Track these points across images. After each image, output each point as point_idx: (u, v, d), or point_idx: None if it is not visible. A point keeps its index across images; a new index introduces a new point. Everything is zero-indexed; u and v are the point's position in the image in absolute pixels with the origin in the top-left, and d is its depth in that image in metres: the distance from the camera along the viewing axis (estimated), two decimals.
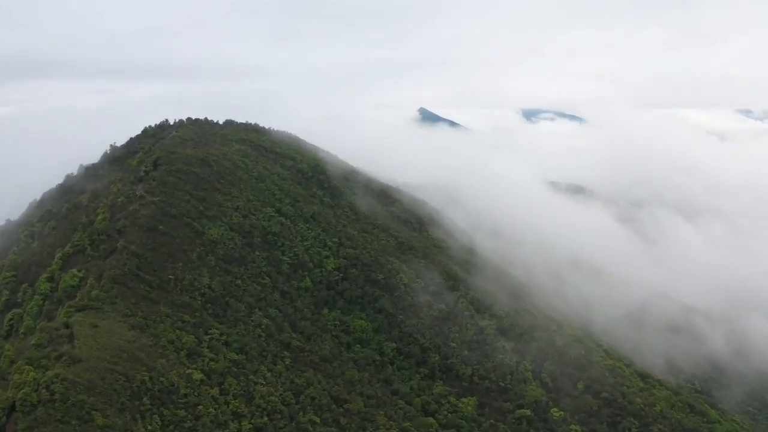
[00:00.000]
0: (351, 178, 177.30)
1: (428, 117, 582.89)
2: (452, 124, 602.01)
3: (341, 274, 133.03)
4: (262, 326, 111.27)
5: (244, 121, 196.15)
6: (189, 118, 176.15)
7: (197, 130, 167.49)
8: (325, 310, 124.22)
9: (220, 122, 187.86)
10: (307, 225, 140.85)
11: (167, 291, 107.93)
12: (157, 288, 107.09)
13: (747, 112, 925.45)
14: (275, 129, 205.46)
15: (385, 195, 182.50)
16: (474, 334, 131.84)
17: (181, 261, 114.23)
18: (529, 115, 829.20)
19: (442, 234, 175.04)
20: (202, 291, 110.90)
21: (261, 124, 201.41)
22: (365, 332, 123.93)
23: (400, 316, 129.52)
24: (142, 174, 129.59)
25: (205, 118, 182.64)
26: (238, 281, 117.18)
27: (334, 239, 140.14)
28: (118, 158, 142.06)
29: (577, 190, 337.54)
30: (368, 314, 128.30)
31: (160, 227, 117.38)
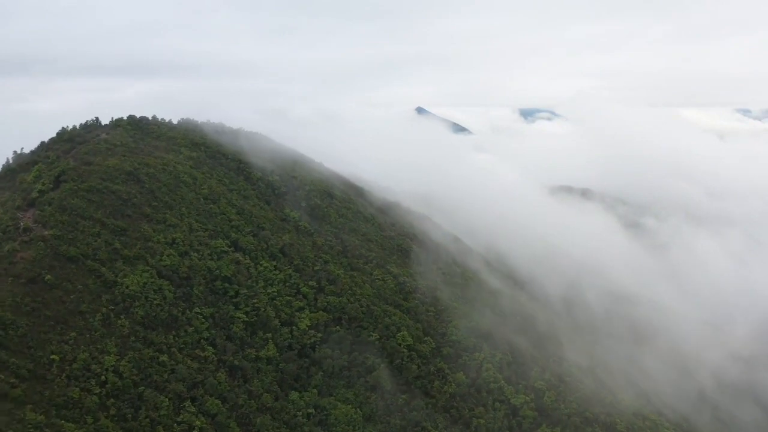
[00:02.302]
0: (338, 192, 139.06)
1: (425, 116, 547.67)
2: (449, 123, 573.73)
3: (320, 335, 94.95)
4: (195, 431, 73.19)
5: (206, 120, 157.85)
6: (131, 116, 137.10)
7: (137, 131, 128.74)
8: (295, 394, 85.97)
9: (174, 121, 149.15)
10: (275, 263, 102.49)
11: (44, 382, 69.57)
12: (28, 378, 68.78)
13: (745, 111, 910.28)
14: (246, 130, 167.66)
15: (380, 214, 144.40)
16: (505, 417, 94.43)
17: (74, 330, 75.81)
18: (527, 114, 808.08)
19: (449, 263, 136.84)
20: (103, 378, 72.53)
21: (252, 125, 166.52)
22: (352, 424, 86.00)
23: (403, 396, 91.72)
24: (36, 195, 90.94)
25: (153, 117, 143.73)
26: (164, 357, 78.78)
27: (311, 282, 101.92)
28: (13, 171, 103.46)
29: (582, 194, 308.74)
30: (356, 393, 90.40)
31: (48, 277, 78.82)
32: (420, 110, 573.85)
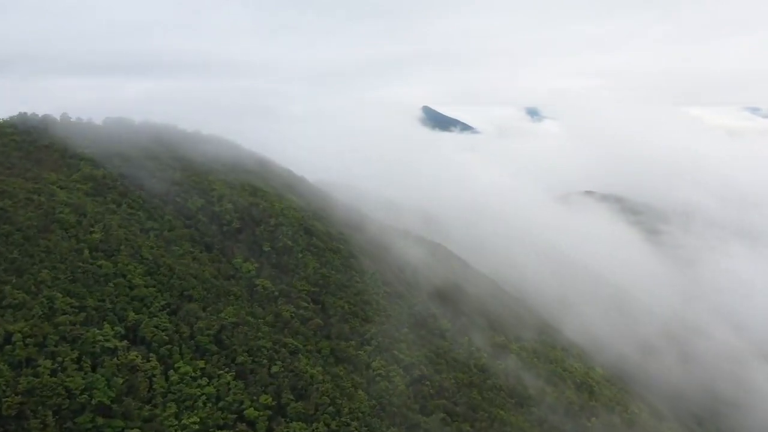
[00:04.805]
0: (321, 226, 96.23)
1: (432, 116, 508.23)
2: (457, 123, 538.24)
3: None
4: None
5: (144, 120, 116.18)
6: (23, 114, 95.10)
7: (21, 137, 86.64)
8: None
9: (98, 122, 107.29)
10: (203, 364, 59.71)
11: None
12: None
13: (754, 110, 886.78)
14: (205, 134, 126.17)
15: (383, 251, 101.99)
16: None
17: None
18: (534, 113, 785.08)
19: (484, 328, 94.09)
20: None
21: (230, 128, 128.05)
22: None
23: None
24: None
25: (63, 115, 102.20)
26: None
27: (263, 397, 59.21)
28: None
29: (587, 195, 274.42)
30: None
31: None
32: (426, 110, 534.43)
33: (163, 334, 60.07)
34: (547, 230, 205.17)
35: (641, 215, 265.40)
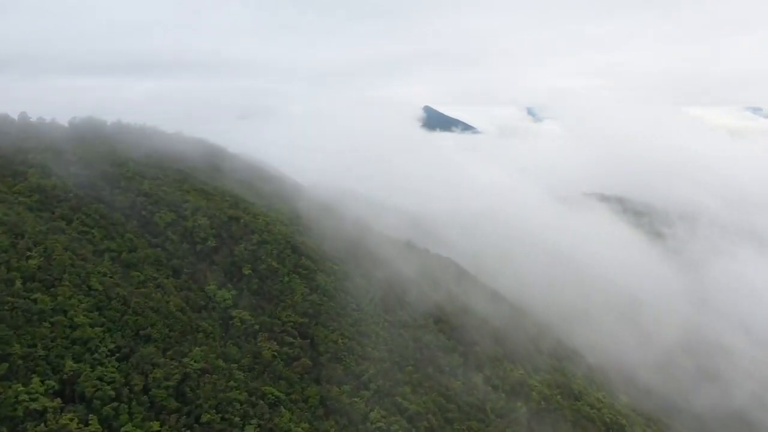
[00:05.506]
0: (310, 243, 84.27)
1: (433, 116, 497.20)
2: (458, 123, 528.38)
3: None
4: None
5: (116, 120, 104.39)
6: None
7: None
8: None
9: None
10: (159, 425, 47.80)
11: None
12: None
13: (756, 110, 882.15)
14: (187, 136, 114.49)
15: (379, 269, 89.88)
16: None
17: None
18: (534, 113, 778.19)
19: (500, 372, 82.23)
20: None
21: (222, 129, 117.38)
22: None
23: None
24: None
25: (22, 114, 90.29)
26: None
27: None
28: None
29: (587, 197, 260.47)
30: None
31: None
32: (428, 110, 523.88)
33: (109, 387, 48.05)
34: (550, 232, 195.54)
35: (643, 216, 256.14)
